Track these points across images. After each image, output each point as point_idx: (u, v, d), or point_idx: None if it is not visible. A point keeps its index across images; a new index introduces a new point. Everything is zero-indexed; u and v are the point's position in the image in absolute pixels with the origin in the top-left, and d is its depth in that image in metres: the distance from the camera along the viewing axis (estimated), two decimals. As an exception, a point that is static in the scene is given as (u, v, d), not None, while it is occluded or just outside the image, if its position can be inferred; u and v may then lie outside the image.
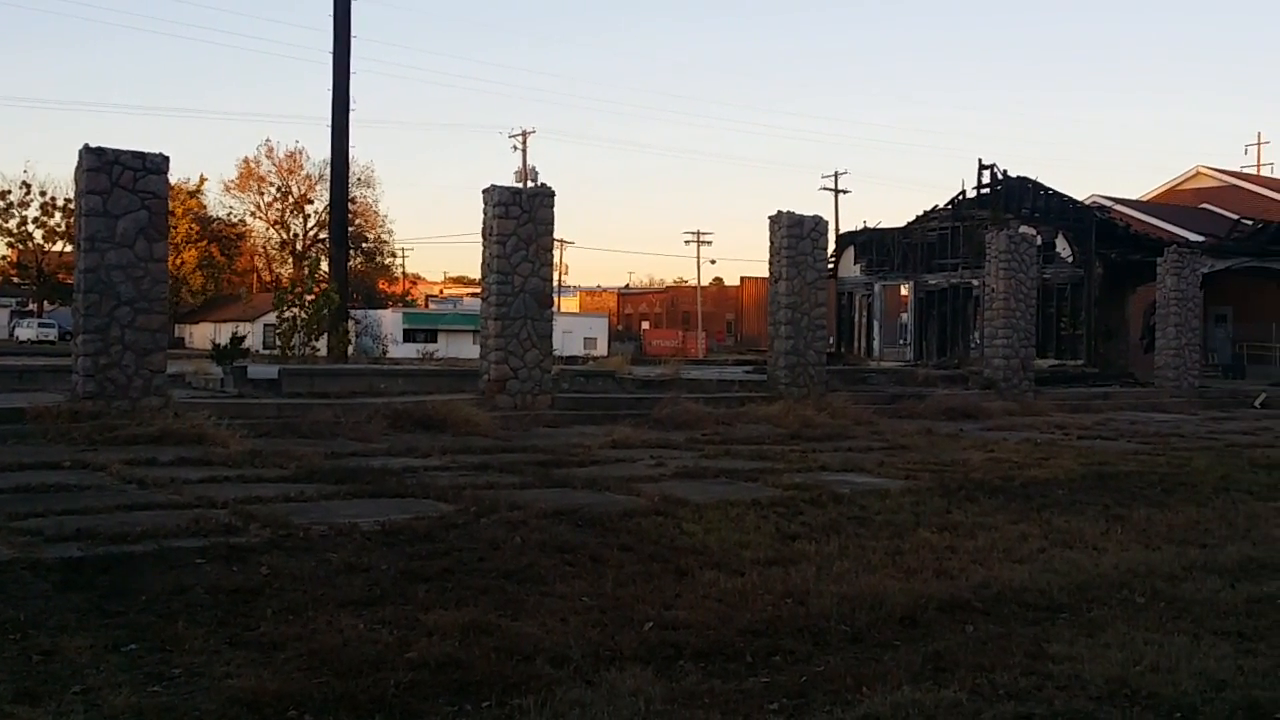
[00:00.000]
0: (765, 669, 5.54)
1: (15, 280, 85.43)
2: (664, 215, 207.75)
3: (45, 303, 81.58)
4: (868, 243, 44.16)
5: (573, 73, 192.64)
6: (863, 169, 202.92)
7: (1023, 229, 30.76)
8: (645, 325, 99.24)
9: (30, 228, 78.20)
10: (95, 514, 8.72)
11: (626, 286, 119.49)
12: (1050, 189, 39.90)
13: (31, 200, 77.58)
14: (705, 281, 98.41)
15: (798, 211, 23.36)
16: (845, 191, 79.91)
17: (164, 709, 4.68)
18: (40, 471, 11.01)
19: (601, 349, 70.70)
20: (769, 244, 23.46)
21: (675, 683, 5.23)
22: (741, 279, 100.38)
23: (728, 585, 7.04)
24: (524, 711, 4.81)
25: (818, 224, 23.56)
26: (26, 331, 75.57)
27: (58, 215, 75.04)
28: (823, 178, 74.17)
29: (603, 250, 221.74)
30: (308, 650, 5.46)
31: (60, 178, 79.75)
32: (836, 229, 54.79)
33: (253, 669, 5.21)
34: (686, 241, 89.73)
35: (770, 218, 23.44)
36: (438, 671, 5.21)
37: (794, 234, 23.09)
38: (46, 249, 77.34)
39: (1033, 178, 40.41)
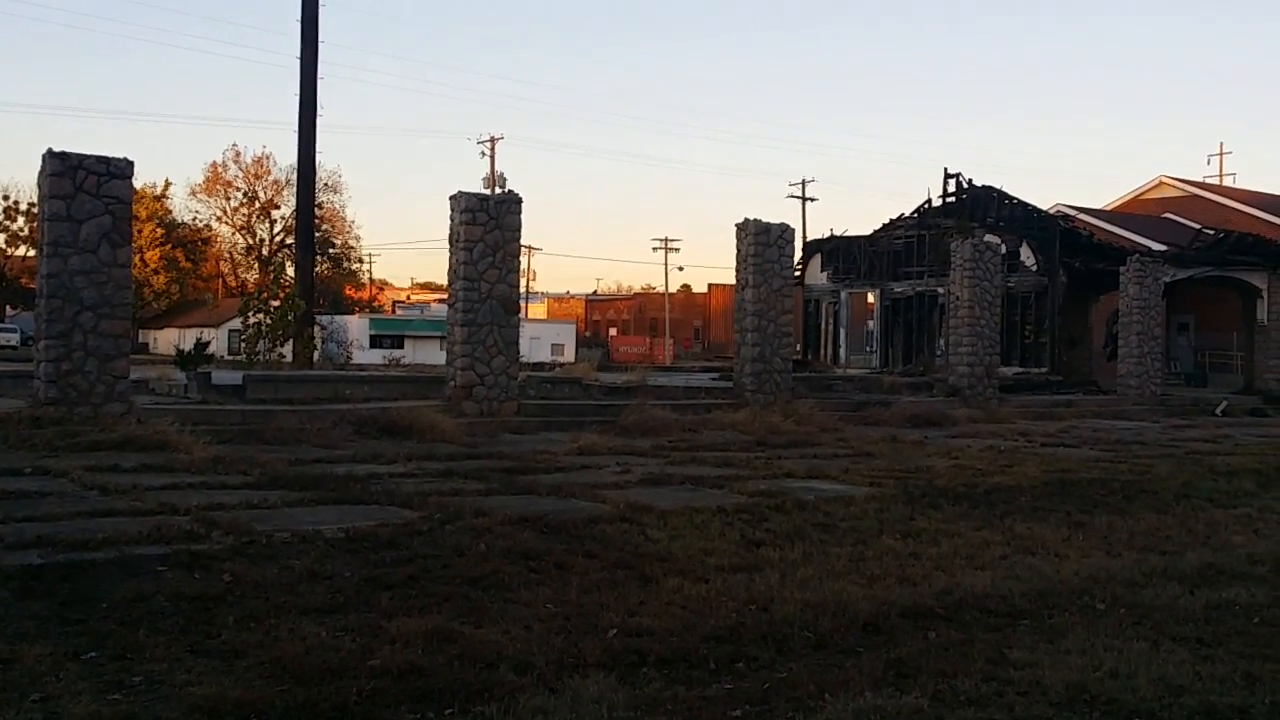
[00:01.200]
0: (729, 675, 5.56)
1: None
2: (632, 222, 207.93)
3: (7, 307, 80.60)
4: (834, 250, 44.32)
5: (541, 80, 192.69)
6: (830, 177, 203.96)
7: (987, 238, 30.98)
8: (613, 332, 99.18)
9: (-9, 231, 77.30)
10: (56, 521, 8.64)
11: (594, 293, 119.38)
12: (1015, 198, 40.19)
13: (-7, 204, 76.68)
14: (673, 288, 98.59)
15: (765, 219, 23.44)
16: (812, 199, 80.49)
17: (124, 717, 4.65)
18: (0, 478, 10.89)
19: (569, 355, 70.63)
20: (736, 251, 23.52)
21: (638, 689, 5.24)
22: (709, 286, 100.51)
23: (692, 592, 7.06)
24: (486, 719, 4.81)
25: (784, 232, 23.65)
26: (-13, 336, 74.64)
27: (20, 219, 74.16)
28: (790, 185, 74.85)
29: (571, 257, 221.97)
30: (270, 658, 5.44)
31: (23, 182, 79.08)
32: (804, 237, 55.04)
33: (214, 677, 5.18)
34: (654, 248, 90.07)
35: (737, 225, 23.50)
36: (400, 679, 5.20)
37: (761, 241, 23.17)
38: (9, 253, 76.42)
39: (998, 187, 40.63)
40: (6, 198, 75.46)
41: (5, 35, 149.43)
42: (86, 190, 15.33)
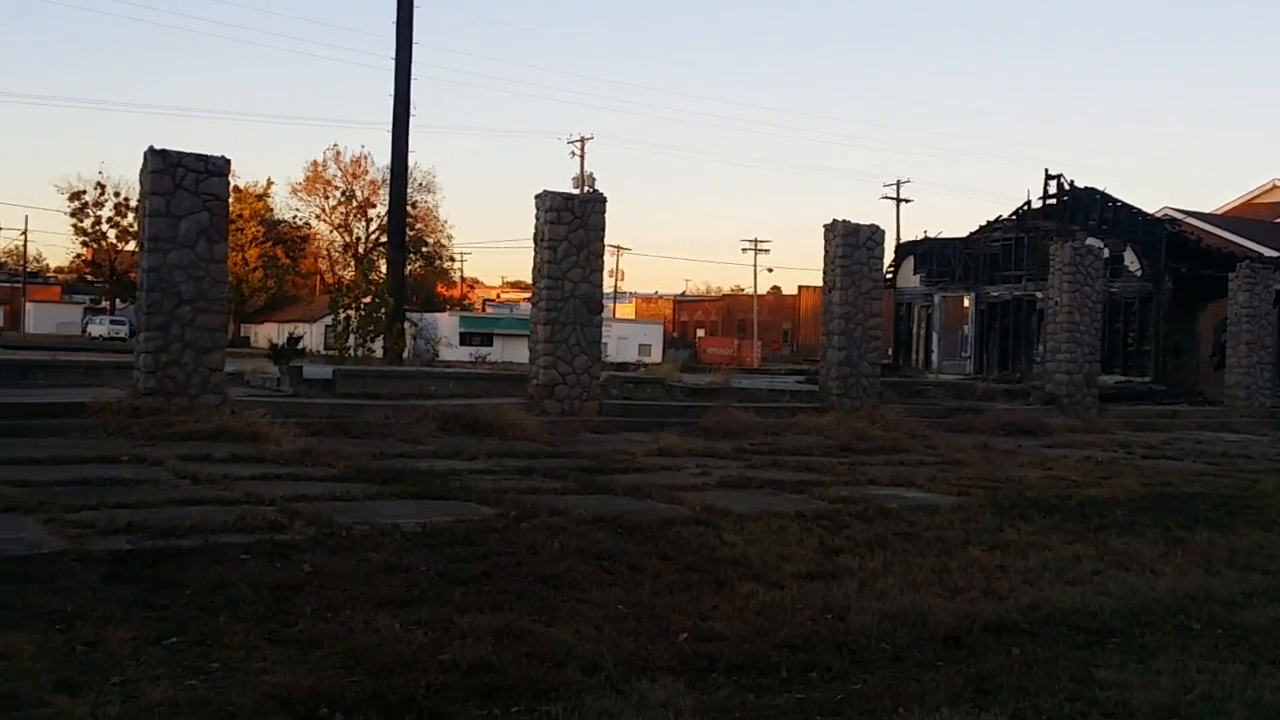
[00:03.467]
0: (800, 685, 5.45)
1: (90, 278, 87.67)
2: (723, 223, 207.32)
3: (117, 300, 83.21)
4: (928, 253, 43.67)
5: (633, 79, 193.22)
6: (926, 177, 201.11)
7: (1089, 241, 30.23)
8: (701, 333, 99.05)
9: (104, 227, 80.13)
10: (147, 508, 8.86)
11: (683, 294, 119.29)
12: (1119, 200, 39.15)
13: (105, 201, 79.46)
14: (763, 290, 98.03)
15: (856, 220, 23.15)
16: (907, 201, 79.17)
17: (199, 703, 4.71)
18: (98, 465, 11.22)
19: (656, 356, 70.64)
20: (824, 253, 23.28)
21: (707, 695, 5.17)
22: (799, 288, 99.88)
23: (766, 598, 6.96)
24: (552, 718, 4.78)
25: (874, 233, 23.32)
26: (99, 328, 77.25)
27: (130, 216, 76.53)
28: (884, 186, 73.57)
29: (660, 257, 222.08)
30: (343, 649, 5.49)
31: (134, 179, 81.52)
32: (897, 238, 54.19)
33: (289, 665, 5.25)
34: (744, 249, 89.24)
35: (825, 226, 23.24)
36: (469, 674, 5.20)
37: (849, 243, 22.89)
38: (119, 248, 78.95)
39: (1100, 189, 39.59)
40: (118, 194, 78.10)
41: (115, 36, 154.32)
42: (185, 187, 15.69)
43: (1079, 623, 6.87)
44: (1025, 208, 40.76)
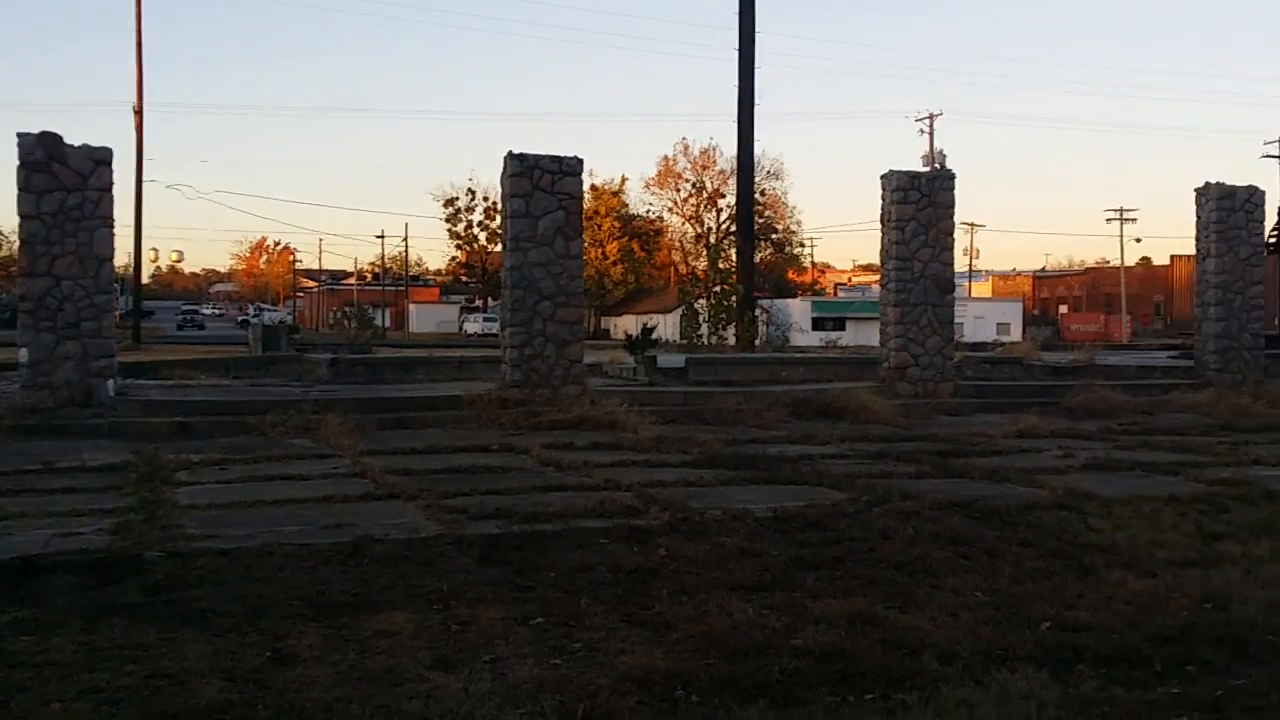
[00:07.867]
0: (1175, 679, 5.08)
1: (464, 279, 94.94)
2: (1083, 193, 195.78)
3: (489, 299, 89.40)
4: (1322, 211, 39.29)
5: (978, 51, 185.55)
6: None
7: None
8: (1063, 309, 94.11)
9: (475, 231, 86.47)
10: (514, 494, 9.45)
11: (1042, 269, 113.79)
12: None
13: (476, 206, 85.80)
14: (1130, 261, 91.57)
15: (1230, 183, 21.35)
16: (1293, 158, 71.18)
17: (562, 681, 4.92)
18: (470, 454, 12.10)
19: (1015, 334, 67.85)
20: (1196, 219, 21.61)
21: (1072, 688, 4.91)
22: (1171, 258, 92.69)
23: (1137, 587, 6.53)
24: (907, 707, 4.68)
25: (1252, 195, 21.38)
26: (474, 325, 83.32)
27: (497, 219, 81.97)
28: (1264, 144, 66.14)
29: (1016, 232, 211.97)
30: (698, 632, 5.60)
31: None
32: (1283, 199, 49.04)
33: (646, 647, 5.40)
34: (1108, 220, 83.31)
35: (1197, 190, 21.61)
36: (822, 660, 5.18)
37: (1224, 207, 21.14)
38: (489, 250, 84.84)
39: None
40: (486, 199, 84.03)
41: (476, 51, 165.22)
42: (542, 188, 16.60)
43: None
44: None
